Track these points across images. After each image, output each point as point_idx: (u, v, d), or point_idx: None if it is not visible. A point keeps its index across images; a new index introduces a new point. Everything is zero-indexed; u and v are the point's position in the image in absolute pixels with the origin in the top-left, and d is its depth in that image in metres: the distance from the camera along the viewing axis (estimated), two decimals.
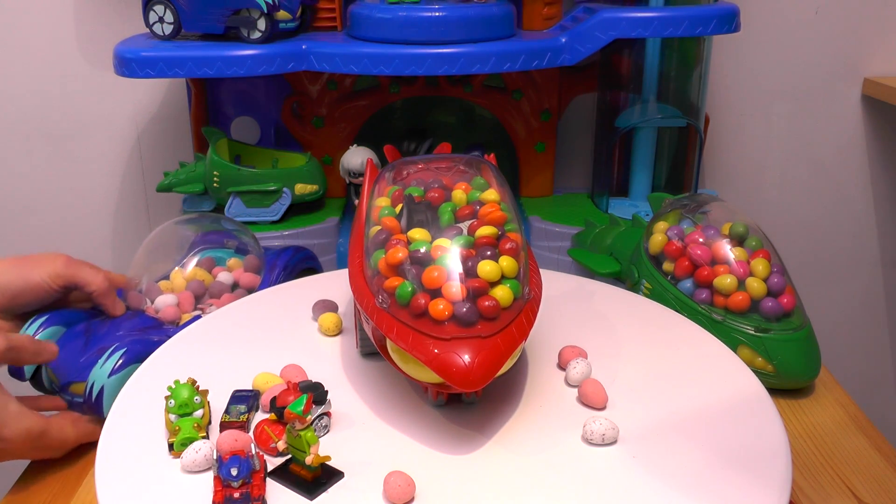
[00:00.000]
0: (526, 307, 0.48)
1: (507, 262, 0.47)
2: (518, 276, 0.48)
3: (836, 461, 0.60)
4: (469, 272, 0.47)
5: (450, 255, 0.47)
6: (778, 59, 1.01)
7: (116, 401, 0.52)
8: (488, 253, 0.48)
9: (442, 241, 0.48)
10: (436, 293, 0.46)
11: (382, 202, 0.54)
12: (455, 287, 0.46)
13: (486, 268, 0.47)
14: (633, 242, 0.76)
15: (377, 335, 0.51)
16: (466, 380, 0.44)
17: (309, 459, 0.43)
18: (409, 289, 0.46)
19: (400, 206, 0.53)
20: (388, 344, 0.49)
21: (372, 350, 0.56)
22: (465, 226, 0.51)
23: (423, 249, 0.48)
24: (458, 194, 0.53)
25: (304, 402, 0.44)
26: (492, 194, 0.52)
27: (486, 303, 0.46)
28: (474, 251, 0.48)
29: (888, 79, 1.01)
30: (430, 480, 0.44)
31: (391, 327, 0.46)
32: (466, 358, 0.44)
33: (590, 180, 1.01)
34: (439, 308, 0.45)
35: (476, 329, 0.45)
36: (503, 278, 0.47)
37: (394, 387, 0.54)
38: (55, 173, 1.03)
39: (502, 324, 0.46)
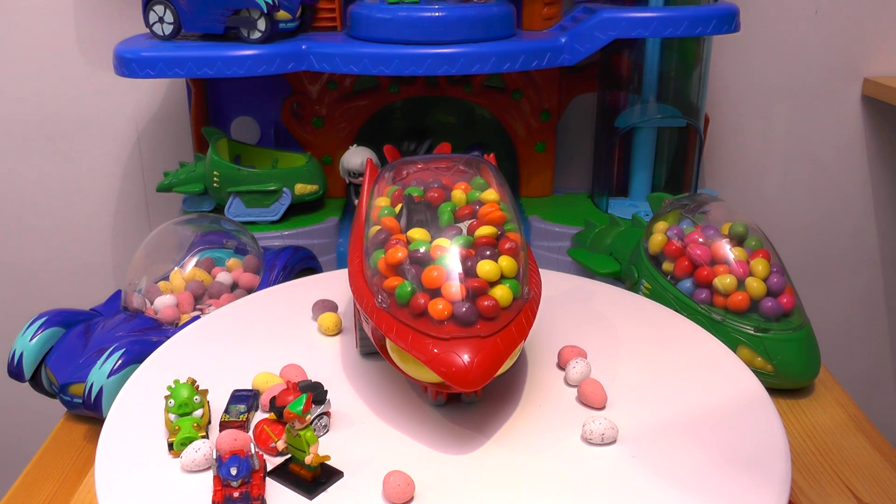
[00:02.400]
0: (525, 307, 0.48)
1: (506, 262, 0.47)
2: (517, 275, 0.48)
3: (836, 461, 0.60)
4: (468, 272, 0.47)
5: (449, 255, 0.47)
6: (778, 59, 1.01)
7: (116, 400, 0.52)
8: (487, 253, 0.48)
9: (441, 241, 0.48)
10: (435, 293, 0.46)
11: (382, 202, 0.54)
12: (454, 287, 0.46)
13: (486, 267, 0.47)
14: (633, 242, 0.76)
15: (377, 335, 0.50)
16: (466, 379, 0.44)
17: (308, 459, 0.43)
18: (409, 288, 0.46)
19: (399, 205, 0.53)
20: (388, 344, 0.49)
21: (371, 350, 0.56)
22: (464, 225, 0.51)
23: (422, 249, 0.48)
24: (458, 194, 0.53)
25: (304, 401, 0.44)
26: (491, 194, 0.52)
27: (486, 302, 0.46)
28: (474, 251, 0.48)
29: (888, 79, 1.01)
30: (430, 480, 0.44)
31: (391, 327, 0.46)
32: (466, 358, 0.44)
33: (590, 180, 1.01)
34: (439, 308, 0.45)
35: (475, 329, 0.45)
36: (502, 278, 0.47)
37: (393, 386, 0.54)
38: (55, 173, 1.03)
39: (501, 323, 0.46)
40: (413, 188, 0.54)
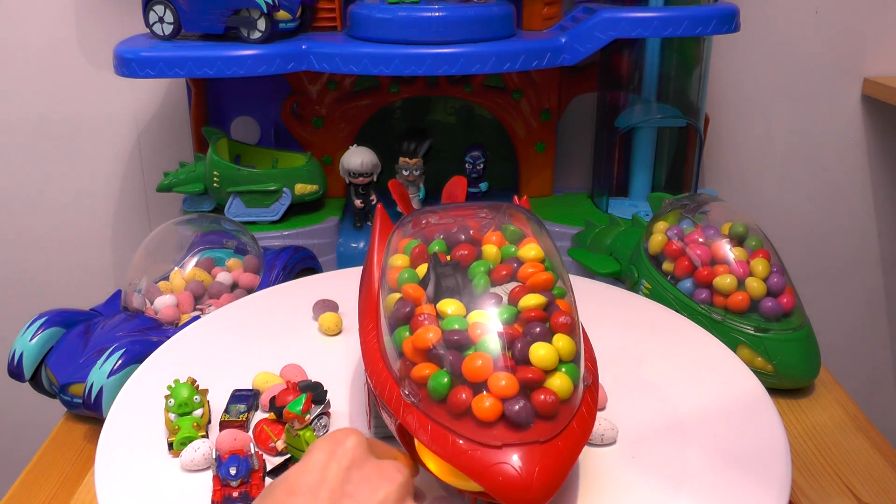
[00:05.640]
0: (585, 395, 0.40)
1: (562, 342, 0.40)
2: (575, 357, 0.40)
3: (836, 461, 0.60)
4: (519, 357, 0.39)
5: (492, 337, 0.39)
6: (778, 59, 1.01)
7: (117, 399, 0.52)
8: (538, 330, 0.40)
9: (479, 316, 0.41)
10: (479, 386, 0.38)
11: (400, 261, 0.46)
12: (504, 380, 0.38)
13: (540, 352, 0.39)
14: (633, 242, 0.76)
15: (402, 431, 0.41)
16: (525, 497, 0.36)
17: None
18: (445, 380, 0.38)
19: (422, 267, 0.45)
20: (417, 443, 0.41)
21: (389, 434, 0.46)
22: (503, 290, 0.43)
23: (458, 328, 0.40)
24: (490, 249, 0.45)
25: (303, 401, 0.44)
26: (532, 249, 0.45)
27: (543, 397, 0.38)
28: (521, 328, 0.40)
29: (888, 79, 1.01)
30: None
31: (423, 427, 0.39)
32: (524, 469, 0.36)
33: (590, 180, 1.01)
34: (486, 406, 0.37)
35: (532, 432, 0.37)
36: (559, 362, 0.39)
37: None
38: (55, 173, 1.03)
39: (562, 422, 0.38)
40: (437, 242, 0.46)
